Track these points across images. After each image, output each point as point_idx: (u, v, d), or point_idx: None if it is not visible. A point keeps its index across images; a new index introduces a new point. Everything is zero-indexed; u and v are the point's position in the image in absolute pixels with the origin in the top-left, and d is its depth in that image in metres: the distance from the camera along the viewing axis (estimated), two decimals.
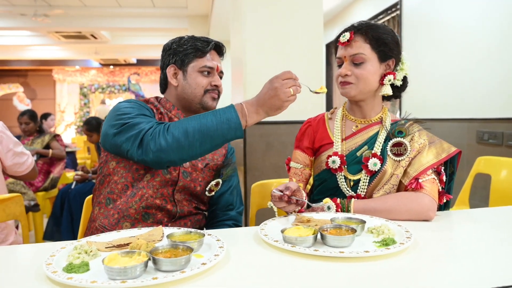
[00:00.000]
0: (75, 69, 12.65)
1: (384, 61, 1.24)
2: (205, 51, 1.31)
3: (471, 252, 0.89)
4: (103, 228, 1.19)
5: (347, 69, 1.23)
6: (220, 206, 1.42)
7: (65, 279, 0.70)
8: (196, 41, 1.31)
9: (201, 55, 1.31)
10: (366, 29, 1.23)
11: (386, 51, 1.23)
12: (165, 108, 1.33)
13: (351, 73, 1.23)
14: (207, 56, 1.31)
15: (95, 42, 8.83)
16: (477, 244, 0.95)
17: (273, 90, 1.06)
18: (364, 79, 1.22)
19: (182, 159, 1.08)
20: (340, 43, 1.25)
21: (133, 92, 12.53)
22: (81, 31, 7.72)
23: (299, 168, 1.37)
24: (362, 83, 1.23)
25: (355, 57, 1.22)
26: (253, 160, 2.61)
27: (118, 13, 6.90)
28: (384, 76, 1.24)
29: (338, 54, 1.27)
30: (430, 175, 1.19)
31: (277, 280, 0.74)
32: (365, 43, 1.22)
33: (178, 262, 0.75)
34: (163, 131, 1.06)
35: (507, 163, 2.05)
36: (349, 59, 1.24)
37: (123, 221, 1.20)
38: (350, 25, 1.27)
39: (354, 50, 1.22)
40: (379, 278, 0.75)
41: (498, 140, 2.92)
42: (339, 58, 1.27)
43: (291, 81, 1.06)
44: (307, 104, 2.77)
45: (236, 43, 3.15)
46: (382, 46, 1.23)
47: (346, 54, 1.24)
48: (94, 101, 12.71)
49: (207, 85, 1.31)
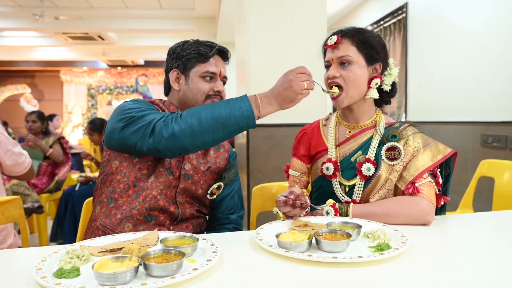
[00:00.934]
0: (83, 70, 12.73)
1: (371, 64, 1.25)
2: (208, 56, 1.30)
3: (467, 257, 0.88)
4: (104, 228, 1.19)
5: (335, 70, 1.24)
6: (221, 210, 1.42)
7: (54, 284, 0.69)
8: (200, 46, 1.31)
9: (203, 60, 1.30)
10: (352, 32, 1.24)
11: (372, 54, 1.24)
12: (169, 110, 1.34)
13: (339, 74, 1.23)
14: (210, 61, 1.31)
15: (103, 43, 8.88)
16: (474, 249, 0.94)
17: (288, 82, 1.08)
18: (352, 81, 1.22)
19: (196, 145, 1.08)
20: (327, 46, 1.27)
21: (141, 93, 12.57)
22: (88, 32, 7.76)
23: (297, 176, 1.38)
24: (351, 88, 1.23)
25: (342, 58, 1.23)
26: (256, 163, 2.61)
27: (125, 15, 6.92)
28: (371, 79, 1.25)
29: (326, 57, 1.29)
30: (426, 178, 1.19)
31: (270, 285, 0.74)
32: (351, 45, 1.23)
33: (169, 267, 0.75)
34: (175, 117, 1.08)
35: (510, 166, 2.03)
36: (336, 61, 1.25)
37: (125, 222, 1.19)
38: (337, 29, 1.28)
39: (341, 52, 1.23)
40: (372, 284, 0.74)
41: (502, 143, 2.91)
42: (327, 61, 1.28)
43: (305, 76, 1.09)
44: (311, 106, 2.76)
45: (240, 45, 3.15)
46: (368, 48, 1.23)
47: (334, 57, 1.25)
48: (102, 102, 12.76)
49: (208, 91, 1.30)
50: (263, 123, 2.63)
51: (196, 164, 1.31)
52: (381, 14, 4.85)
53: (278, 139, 2.62)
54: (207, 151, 1.37)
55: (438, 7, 3.65)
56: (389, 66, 1.28)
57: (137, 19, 7.13)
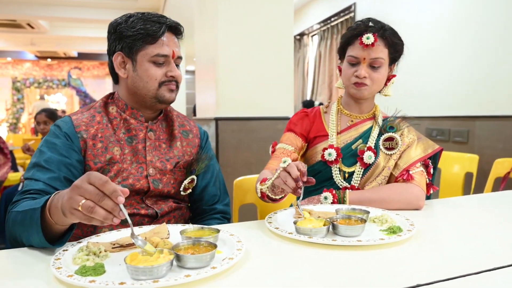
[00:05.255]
0: (7, 61, 11.62)
1: (391, 64, 1.30)
2: (157, 36, 1.09)
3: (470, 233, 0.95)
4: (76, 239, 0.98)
5: (365, 71, 1.24)
6: (204, 201, 1.30)
7: (87, 282, 0.63)
8: (147, 23, 1.09)
9: (152, 40, 1.09)
10: (388, 34, 1.24)
11: (396, 57, 1.29)
12: (119, 107, 1.17)
13: (368, 75, 1.24)
14: (160, 41, 1.09)
15: (32, 32, 8.19)
16: (471, 227, 1.02)
17: (70, 189, 0.73)
18: (378, 82, 1.27)
19: None
20: (362, 44, 1.21)
21: (74, 87, 11.82)
22: (15, 19, 7.08)
23: (290, 149, 1.33)
24: (375, 86, 1.27)
25: (376, 61, 1.23)
26: (226, 156, 2.57)
27: (59, 1, 6.40)
28: (389, 79, 1.30)
29: (356, 54, 1.24)
30: (419, 168, 1.26)
31: (302, 271, 0.74)
32: (385, 47, 1.24)
33: (204, 258, 0.71)
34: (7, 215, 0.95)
35: (454, 157, 2.28)
36: (368, 62, 1.24)
37: (100, 228, 1.07)
38: (367, 22, 1.25)
39: (375, 54, 1.22)
40: (393, 264, 0.77)
41: (445, 136, 3.18)
42: (356, 58, 1.24)
43: (93, 191, 0.69)
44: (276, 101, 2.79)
45: (204, 40, 3.07)
46: (395, 52, 1.27)
47: (367, 56, 1.23)
48: (29, 96, 11.77)
49: (161, 77, 1.12)
50: (231, 117, 2.61)
51: (161, 165, 1.17)
52: (329, 13, 5.03)
53: (247, 132, 2.61)
54: (173, 143, 1.22)
55: (385, 7, 3.89)
56: None
57: (73, 6, 6.64)
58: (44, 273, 0.72)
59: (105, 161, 1.09)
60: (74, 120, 1.11)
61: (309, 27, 5.75)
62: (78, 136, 1.09)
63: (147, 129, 1.18)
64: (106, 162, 1.09)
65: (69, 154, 1.06)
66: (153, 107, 1.17)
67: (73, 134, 1.08)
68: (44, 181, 1.00)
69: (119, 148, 1.12)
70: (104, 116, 1.15)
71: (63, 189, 0.86)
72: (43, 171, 1.01)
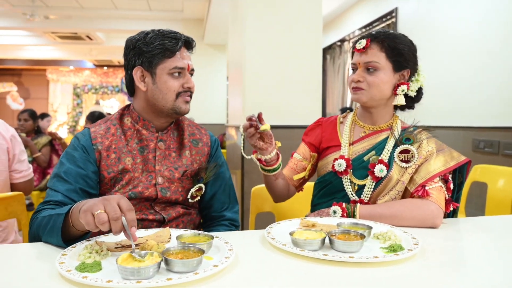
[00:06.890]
0: (69, 70, 12.56)
1: (399, 71, 1.26)
2: (175, 50, 1.18)
3: (479, 260, 0.90)
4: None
5: (360, 75, 1.25)
6: (214, 209, 1.34)
7: (80, 278, 0.70)
8: (164, 39, 1.18)
9: (170, 55, 1.18)
10: (383, 37, 1.24)
11: (401, 61, 1.24)
12: (132, 118, 1.26)
13: (363, 79, 1.24)
14: (176, 55, 1.19)
15: (90, 43, 8.81)
16: (485, 252, 0.95)
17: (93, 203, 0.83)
18: (375, 86, 1.24)
19: None
20: (356, 49, 1.27)
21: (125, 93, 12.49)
22: (77, 32, 7.70)
23: (298, 158, 1.41)
24: (373, 90, 1.24)
25: (369, 64, 1.23)
26: (251, 164, 2.62)
27: (114, 15, 6.89)
28: (398, 86, 1.25)
29: (353, 60, 1.29)
30: (437, 183, 1.20)
31: (287, 284, 0.75)
32: (380, 51, 1.23)
33: (190, 263, 0.76)
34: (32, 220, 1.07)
35: (504, 172, 2.06)
36: (363, 66, 1.25)
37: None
38: (367, 33, 1.28)
39: (368, 58, 1.24)
40: (388, 284, 0.75)
41: (494, 148, 2.92)
42: (354, 64, 1.29)
43: (114, 209, 0.80)
44: (304, 109, 2.81)
45: (235, 47, 3.16)
46: (397, 56, 1.24)
47: (361, 61, 1.25)
48: (87, 101, 12.65)
49: (179, 88, 1.20)
50: None
51: (169, 174, 1.23)
52: (371, 18, 4.92)
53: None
54: (182, 152, 1.28)
55: (428, 12, 3.71)
56: (418, 72, 1.28)
57: (126, 19, 7.10)
58: (51, 266, 0.81)
59: (118, 171, 1.18)
60: (92, 133, 1.21)
61: (350, 33, 5.67)
62: (94, 148, 1.19)
63: (157, 139, 1.25)
64: (119, 171, 1.19)
65: (85, 166, 1.16)
66: (169, 116, 1.25)
67: (89, 146, 1.19)
68: (62, 192, 1.11)
69: (131, 158, 1.21)
70: (118, 128, 1.24)
71: (79, 200, 1.00)
72: (62, 182, 1.13)
